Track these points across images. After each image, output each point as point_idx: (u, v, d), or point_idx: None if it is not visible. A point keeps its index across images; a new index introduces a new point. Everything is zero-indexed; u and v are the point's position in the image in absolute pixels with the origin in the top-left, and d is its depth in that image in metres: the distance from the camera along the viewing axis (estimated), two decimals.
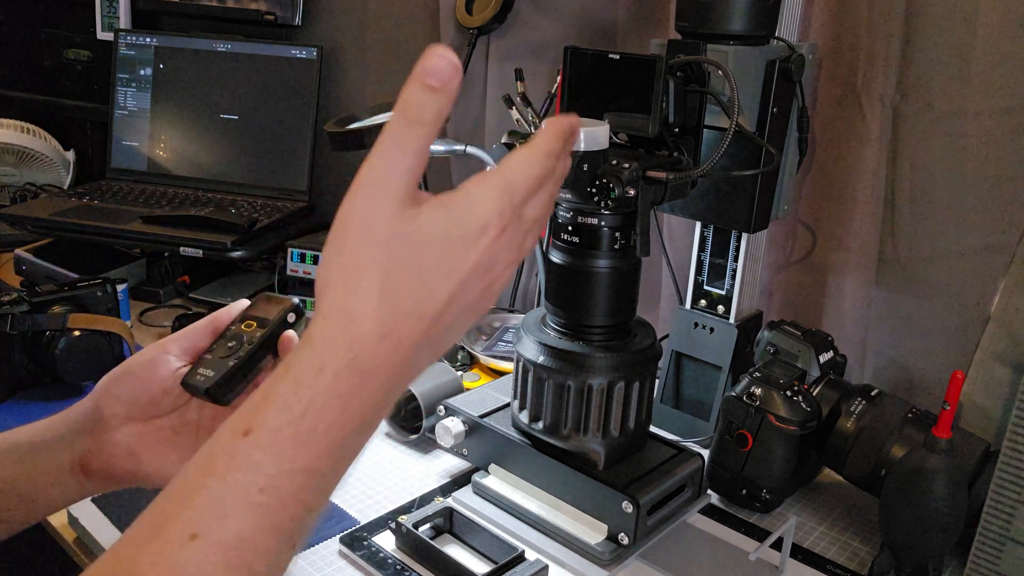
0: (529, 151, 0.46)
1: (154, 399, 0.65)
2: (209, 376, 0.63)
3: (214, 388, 0.63)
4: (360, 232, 0.42)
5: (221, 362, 0.65)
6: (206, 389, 0.63)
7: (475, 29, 1.17)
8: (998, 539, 0.70)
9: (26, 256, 1.32)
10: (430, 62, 0.44)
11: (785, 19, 0.86)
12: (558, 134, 0.47)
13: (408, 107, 0.44)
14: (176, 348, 0.67)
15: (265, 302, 0.70)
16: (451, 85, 0.44)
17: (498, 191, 0.44)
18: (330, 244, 0.44)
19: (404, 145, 0.44)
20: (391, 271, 0.42)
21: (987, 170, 0.86)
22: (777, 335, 0.89)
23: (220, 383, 0.63)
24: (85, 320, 1.02)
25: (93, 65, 1.74)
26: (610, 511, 0.75)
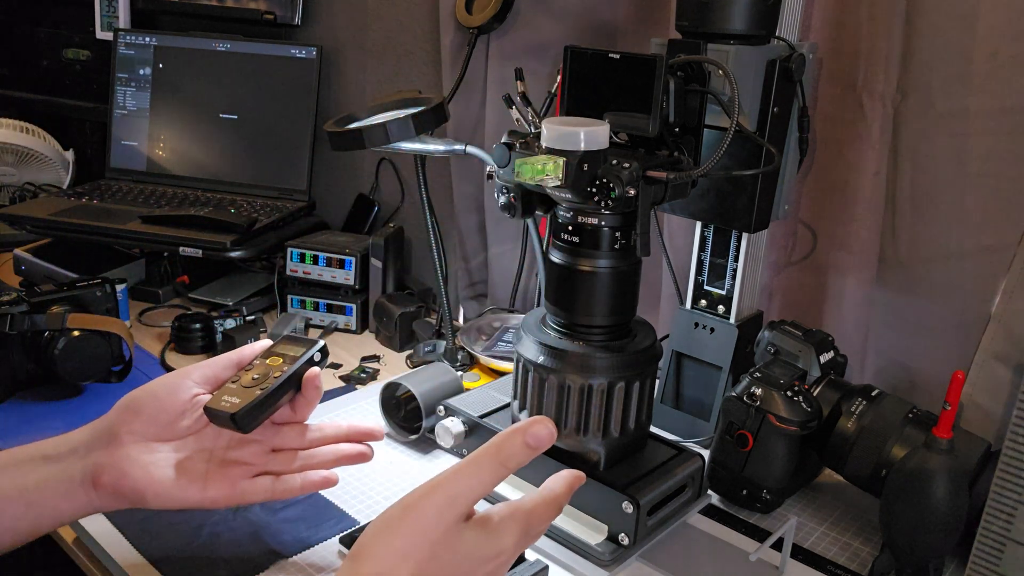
0: (554, 503, 0.56)
1: (171, 421, 0.68)
2: (235, 403, 0.66)
3: (240, 415, 0.65)
4: (420, 529, 0.50)
5: (247, 391, 0.67)
6: (232, 415, 0.65)
7: (475, 29, 1.17)
8: (999, 539, 0.70)
9: (25, 256, 1.32)
10: (537, 428, 0.53)
11: (785, 18, 0.86)
12: (574, 489, 0.57)
13: (502, 451, 0.53)
14: (198, 375, 0.71)
15: (290, 341, 0.75)
16: (544, 448, 0.53)
17: (521, 531, 0.53)
18: (390, 521, 0.51)
19: (485, 478, 0.52)
20: (426, 567, 0.50)
21: (987, 170, 0.86)
22: (778, 335, 0.89)
23: (246, 411, 0.66)
24: (84, 320, 1.02)
25: (92, 65, 1.74)
26: (610, 511, 0.74)
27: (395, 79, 1.39)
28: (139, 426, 0.67)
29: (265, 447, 0.72)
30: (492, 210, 1.25)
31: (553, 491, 0.56)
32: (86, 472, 0.65)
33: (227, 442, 0.70)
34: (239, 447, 0.71)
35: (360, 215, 1.47)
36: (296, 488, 0.71)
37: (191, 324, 1.15)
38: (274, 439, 0.73)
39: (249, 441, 0.71)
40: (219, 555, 0.74)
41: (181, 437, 0.69)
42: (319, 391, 0.73)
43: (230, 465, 0.69)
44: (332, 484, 0.74)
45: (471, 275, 1.35)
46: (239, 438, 0.70)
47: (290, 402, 0.72)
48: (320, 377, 0.73)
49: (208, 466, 0.68)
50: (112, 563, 0.74)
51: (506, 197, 0.77)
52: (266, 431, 0.72)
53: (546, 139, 0.71)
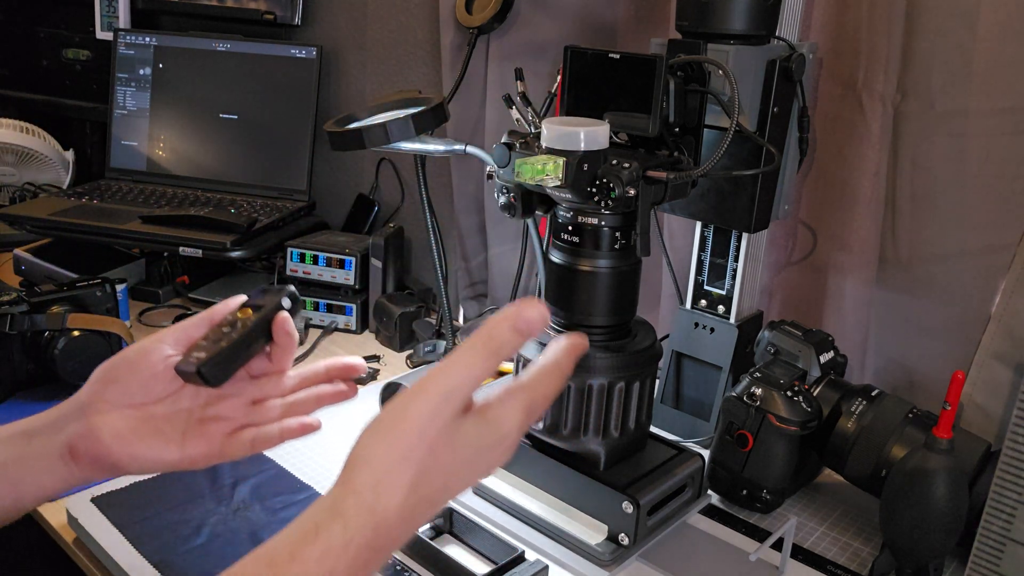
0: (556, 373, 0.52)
1: (145, 384, 0.65)
2: (200, 357, 0.63)
3: (205, 367, 0.62)
4: (416, 429, 0.48)
5: (214, 345, 0.64)
6: (197, 368, 0.62)
7: (475, 29, 1.17)
8: (999, 539, 0.70)
9: (25, 256, 1.32)
10: (527, 311, 0.50)
11: (785, 18, 0.86)
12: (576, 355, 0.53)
13: (491, 339, 0.49)
14: (171, 338, 0.67)
15: (262, 293, 0.70)
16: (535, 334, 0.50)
17: (523, 410, 0.51)
18: (382, 425, 0.49)
19: (476, 369, 0.49)
20: (427, 466, 0.47)
21: (987, 170, 0.86)
22: (778, 335, 0.89)
23: (210, 362, 0.62)
24: (84, 320, 1.01)
25: (92, 65, 1.74)
26: (610, 511, 0.74)
27: (395, 79, 1.39)
28: (113, 394, 0.65)
29: (244, 400, 0.69)
30: (492, 210, 1.25)
31: (554, 360, 0.52)
32: (63, 444, 0.64)
33: (205, 400, 0.67)
34: (216, 403, 0.67)
35: (360, 215, 1.47)
36: (275, 437, 0.68)
37: None
38: (252, 391, 0.69)
39: (226, 396, 0.68)
40: (219, 555, 0.74)
41: (157, 400, 0.66)
42: (291, 336, 0.68)
43: (209, 422, 0.67)
44: (314, 429, 0.70)
45: (471, 275, 1.35)
46: (215, 394, 0.67)
47: (267, 353, 0.69)
48: (289, 322, 0.68)
49: (186, 426, 0.66)
50: (112, 563, 0.74)
51: (506, 197, 0.77)
52: (243, 384, 0.69)
53: (546, 139, 0.71)
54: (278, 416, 0.69)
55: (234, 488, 0.83)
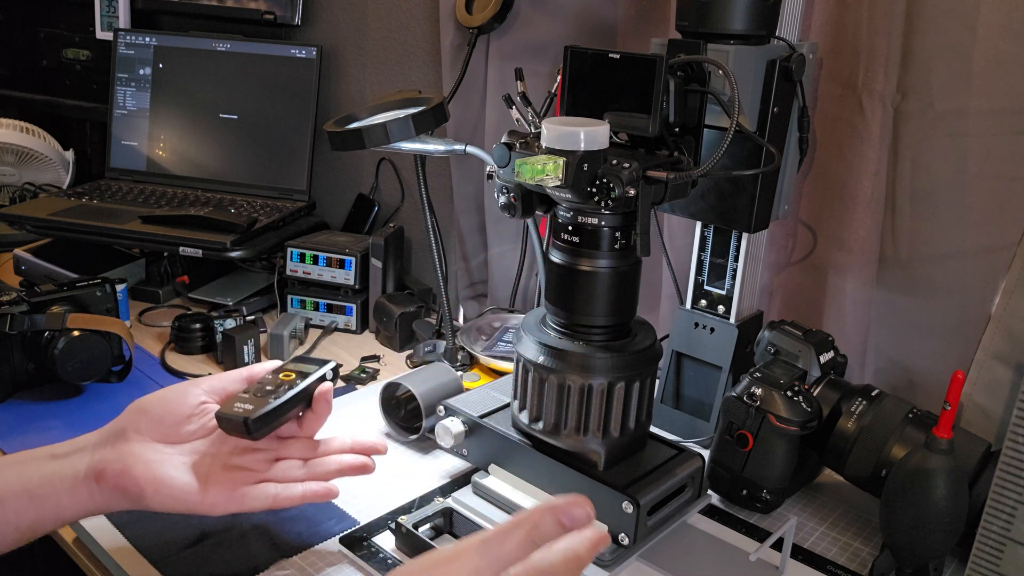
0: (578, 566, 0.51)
1: (177, 423, 0.69)
2: (248, 410, 0.68)
3: (252, 420, 0.67)
4: None
5: (259, 400, 0.70)
6: (244, 419, 0.67)
7: (475, 29, 1.17)
8: (999, 539, 0.70)
9: (25, 256, 1.32)
10: (576, 511, 0.51)
11: (785, 18, 0.86)
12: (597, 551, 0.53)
13: (535, 530, 0.50)
14: (207, 385, 0.72)
15: (301, 361, 0.77)
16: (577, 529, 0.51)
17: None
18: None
19: (513, 554, 0.50)
20: None
21: (987, 170, 0.86)
22: (777, 335, 0.89)
23: (259, 417, 0.67)
24: (84, 320, 1.01)
25: (92, 65, 1.74)
26: (610, 511, 0.74)
27: (395, 79, 1.39)
28: (145, 426, 0.68)
29: (268, 456, 0.73)
30: (492, 210, 1.25)
31: (576, 552, 0.52)
32: (90, 467, 0.66)
33: (231, 449, 0.71)
34: (243, 454, 0.71)
35: (360, 215, 1.47)
36: (297, 497, 0.72)
37: (191, 324, 1.15)
38: (279, 450, 0.73)
39: (254, 449, 0.72)
40: (219, 555, 0.74)
41: (186, 441, 0.70)
42: (329, 407, 0.74)
43: (233, 471, 0.70)
44: (333, 496, 0.74)
45: (471, 275, 1.35)
46: (244, 446, 0.71)
47: (298, 417, 0.73)
48: (331, 393, 0.74)
49: (211, 470, 0.69)
50: (112, 563, 0.74)
51: (506, 197, 0.77)
52: (271, 442, 0.73)
53: (546, 139, 0.71)
54: (299, 476, 0.73)
55: None
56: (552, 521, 0.50)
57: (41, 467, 0.66)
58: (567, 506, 0.50)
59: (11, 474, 0.65)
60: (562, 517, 0.50)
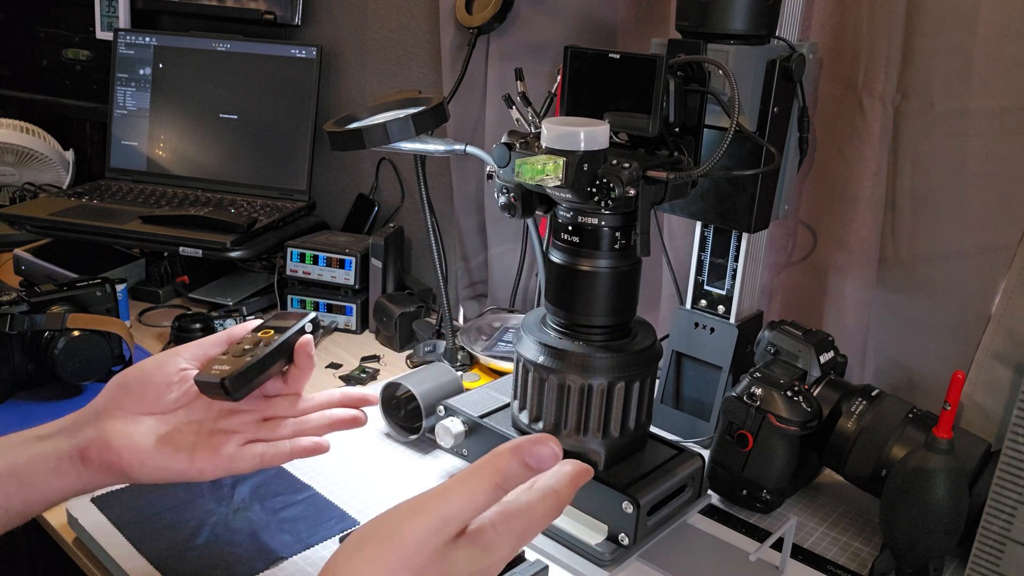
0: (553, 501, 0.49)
1: (158, 394, 0.67)
2: (225, 370, 0.65)
3: (229, 380, 0.64)
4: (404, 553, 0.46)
5: (237, 360, 0.67)
6: (220, 380, 0.64)
7: (475, 29, 1.17)
8: (999, 539, 0.70)
9: (25, 256, 1.32)
10: (539, 448, 0.48)
11: (785, 18, 0.86)
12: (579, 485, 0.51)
13: (498, 472, 0.47)
14: (187, 353, 0.70)
15: (281, 317, 0.74)
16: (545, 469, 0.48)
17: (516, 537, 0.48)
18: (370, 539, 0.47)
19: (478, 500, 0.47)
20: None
21: (987, 170, 0.86)
22: (778, 335, 0.89)
23: (235, 376, 0.65)
24: (84, 320, 1.01)
25: (92, 65, 1.74)
26: (610, 511, 0.74)
27: (395, 79, 1.39)
28: (127, 401, 0.66)
29: (255, 416, 0.70)
30: (492, 210, 1.25)
31: (554, 489, 0.50)
32: (75, 447, 0.65)
33: (216, 413, 0.69)
34: (228, 417, 0.69)
35: (360, 215, 1.47)
36: (286, 454, 0.70)
37: (191, 324, 1.15)
38: (265, 409, 0.71)
39: (239, 411, 0.70)
40: (219, 555, 0.74)
41: (169, 410, 0.68)
42: (312, 359, 0.71)
43: (219, 435, 0.68)
44: (323, 450, 0.72)
45: (471, 275, 1.35)
46: (228, 408, 0.69)
47: (282, 373, 0.71)
48: (312, 345, 0.71)
49: (197, 437, 0.67)
50: (112, 563, 0.74)
51: (506, 197, 0.77)
52: (257, 402, 0.70)
53: (546, 139, 0.71)
54: (288, 435, 0.71)
55: (234, 488, 0.83)
56: (517, 463, 0.47)
57: (27, 449, 0.65)
58: (531, 445, 0.47)
59: None
60: (527, 458, 0.47)
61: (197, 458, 0.66)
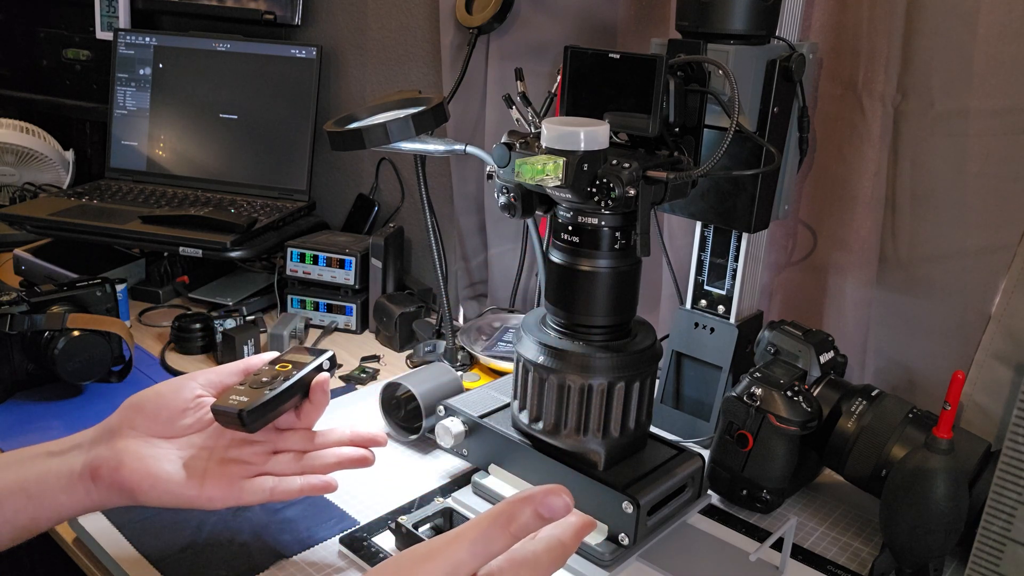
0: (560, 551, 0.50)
1: (172, 418, 0.68)
2: (243, 402, 0.67)
3: (247, 412, 0.66)
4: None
5: (255, 392, 0.69)
6: (239, 412, 0.66)
7: (475, 29, 1.17)
8: (999, 540, 0.70)
9: (25, 256, 1.32)
10: (552, 499, 0.49)
11: (785, 18, 0.86)
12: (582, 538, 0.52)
13: (512, 522, 0.48)
14: (203, 379, 0.72)
15: (298, 351, 0.76)
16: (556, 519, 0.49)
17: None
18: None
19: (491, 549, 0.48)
20: None
21: (987, 170, 0.86)
22: (778, 335, 0.89)
23: (253, 409, 0.66)
24: (84, 320, 1.01)
25: (92, 65, 1.74)
26: (610, 511, 0.74)
27: (395, 79, 1.39)
28: (141, 422, 0.67)
29: (267, 448, 0.72)
30: (492, 210, 1.25)
31: (560, 540, 0.51)
32: (86, 465, 0.66)
33: (228, 442, 0.70)
34: (240, 447, 0.71)
35: (360, 215, 1.47)
36: (295, 490, 0.71)
37: (191, 324, 1.15)
38: (277, 442, 0.73)
39: (251, 442, 0.71)
40: (219, 555, 0.74)
41: (182, 435, 0.69)
42: (327, 397, 0.73)
43: (230, 464, 0.69)
44: (332, 490, 0.73)
45: (471, 275, 1.35)
46: (241, 438, 0.71)
47: (296, 408, 0.73)
48: (328, 383, 0.73)
49: (208, 464, 0.68)
50: (112, 563, 0.74)
51: (506, 197, 0.77)
52: (269, 434, 0.72)
53: (546, 139, 0.71)
54: (296, 470, 0.72)
55: None
56: (530, 512, 0.48)
57: (38, 465, 0.66)
58: (543, 496, 0.49)
59: (8, 473, 0.65)
60: (539, 508, 0.49)
61: (207, 486, 0.67)
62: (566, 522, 0.51)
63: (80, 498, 0.66)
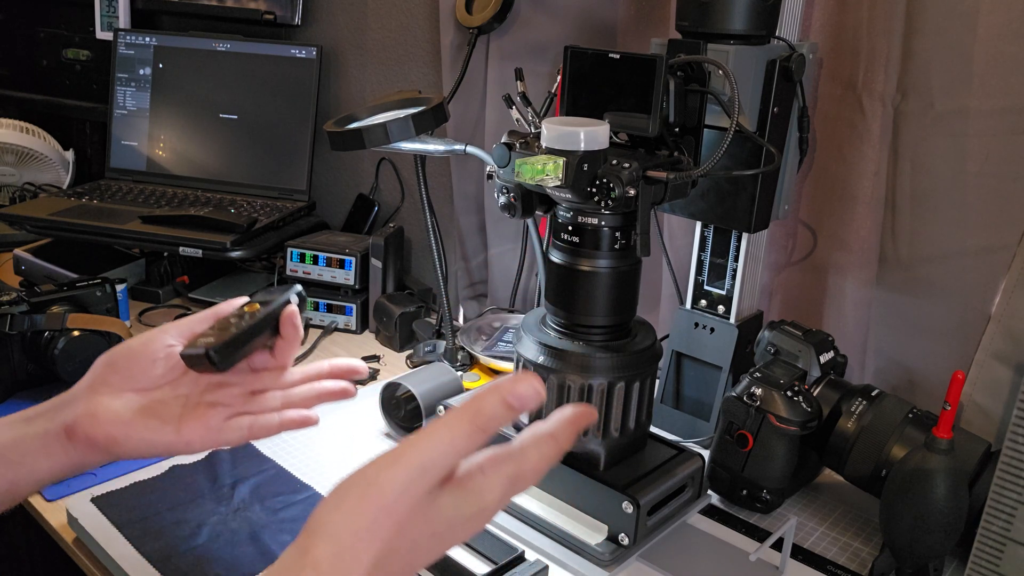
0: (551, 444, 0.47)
1: (145, 370, 0.66)
2: (209, 342, 0.64)
3: (214, 350, 0.63)
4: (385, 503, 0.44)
5: (222, 332, 0.66)
6: (206, 351, 0.63)
7: (475, 29, 1.17)
8: (999, 539, 0.70)
9: (25, 256, 1.32)
10: (521, 386, 0.46)
11: (785, 18, 0.86)
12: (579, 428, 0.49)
13: (479, 413, 0.45)
14: (174, 330, 0.69)
15: (267, 292, 0.72)
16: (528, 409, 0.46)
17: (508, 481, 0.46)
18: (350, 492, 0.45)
19: (460, 442, 0.45)
20: (392, 544, 0.44)
21: (987, 170, 0.86)
22: (777, 335, 0.89)
23: (220, 346, 0.64)
24: (84, 320, 1.01)
25: (92, 65, 1.74)
26: (610, 511, 0.74)
27: (395, 79, 1.39)
28: (114, 378, 0.66)
29: (243, 390, 0.69)
30: (492, 210, 1.25)
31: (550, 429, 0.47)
32: (62, 424, 0.64)
33: (203, 387, 0.68)
34: (215, 390, 0.68)
35: (360, 215, 1.47)
36: (274, 426, 0.68)
37: None
38: (253, 383, 0.70)
39: (226, 384, 0.69)
40: (219, 555, 0.74)
41: (156, 386, 0.67)
42: (298, 330, 0.70)
43: (206, 408, 0.67)
44: (312, 423, 0.70)
45: (471, 275, 1.35)
46: (215, 382, 0.68)
47: (269, 348, 0.70)
48: (297, 315, 0.70)
49: (184, 410, 0.66)
50: (112, 563, 0.74)
51: (506, 197, 0.77)
52: (244, 375, 0.70)
53: (546, 139, 0.71)
54: (277, 407, 0.70)
55: (234, 488, 0.83)
56: (497, 402, 0.45)
57: (14, 430, 0.65)
58: (512, 384, 0.45)
59: None
60: (507, 397, 0.45)
61: (184, 430, 0.65)
62: (559, 413, 0.48)
63: (59, 459, 0.65)
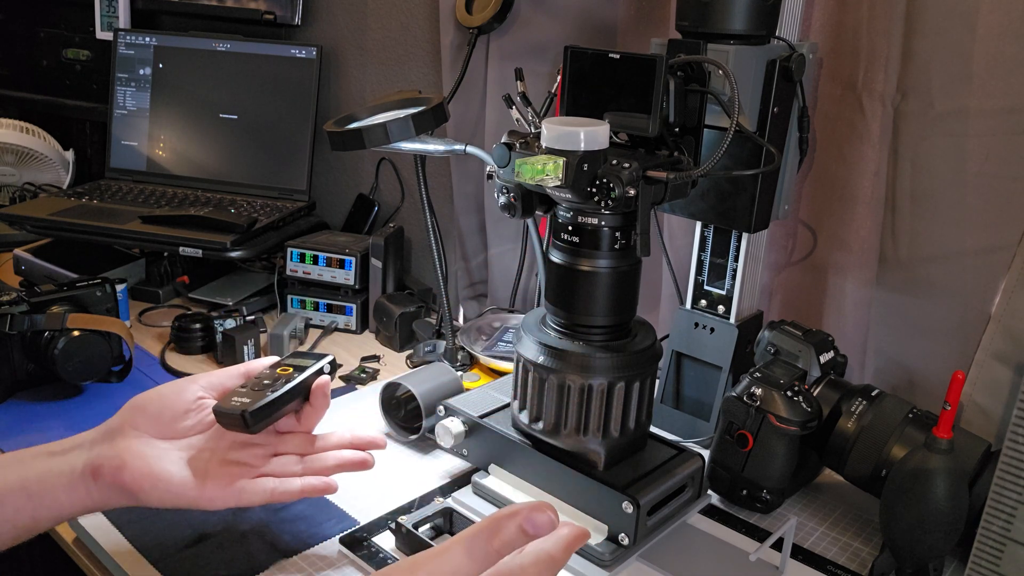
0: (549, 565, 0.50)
1: (174, 419, 0.69)
2: (245, 403, 0.68)
3: (250, 413, 0.67)
4: None
5: (257, 394, 0.70)
6: (242, 412, 0.67)
7: (475, 29, 1.17)
8: (999, 539, 0.70)
9: (25, 256, 1.32)
10: (538, 516, 0.49)
11: (785, 18, 0.86)
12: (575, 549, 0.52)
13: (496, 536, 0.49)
14: (205, 381, 0.72)
15: (298, 356, 0.78)
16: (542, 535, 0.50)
17: None
18: None
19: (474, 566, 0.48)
20: None
21: (987, 170, 0.86)
22: (778, 335, 0.89)
23: (256, 410, 0.67)
24: (84, 320, 1.01)
25: (92, 65, 1.74)
26: (610, 512, 0.74)
27: (395, 79, 1.39)
28: (143, 423, 0.68)
29: (267, 451, 0.73)
30: (492, 210, 1.25)
31: (549, 552, 0.50)
32: (87, 464, 0.66)
33: (229, 444, 0.71)
34: (241, 449, 0.71)
35: (360, 215, 1.47)
36: (295, 491, 0.72)
37: (191, 324, 1.15)
38: (277, 445, 0.73)
39: (252, 444, 0.72)
40: (219, 555, 0.74)
41: (184, 437, 0.70)
42: (327, 400, 0.74)
43: (231, 465, 0.70)
44: (332, 491, 0.74)
45: (471, 275, 1.35)
46: (241, 440, 0.71)
47: (296, 412, 0.73)
48: (328, 387, 0.74)
49: (209, 465, 0.69)
50: (112, 563, 0.74)
51: (506, 197, 0.77)
52: (270, 437, 0.73)
53: (546, 139, 0.71)
54: (297, 472, 0.73)
55: None
56: (514, 527, 0.49)
57: (39, 464, 0.66)
58: (529, 512, 0.49)
59: (9, 472, 0.65)
60: (524, 523, 0.49)
61: (208, 487, 0.68)
62: (556, 535, 0.51)
63: (81, 497, 0.66)
